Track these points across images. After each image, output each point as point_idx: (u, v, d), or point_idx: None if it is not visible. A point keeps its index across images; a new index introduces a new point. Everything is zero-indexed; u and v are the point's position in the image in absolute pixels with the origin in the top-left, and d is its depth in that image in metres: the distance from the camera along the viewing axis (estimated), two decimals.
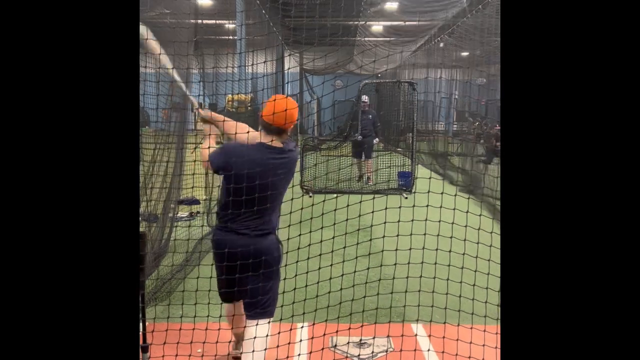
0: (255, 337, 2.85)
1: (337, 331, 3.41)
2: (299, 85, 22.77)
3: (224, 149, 3.03)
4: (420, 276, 3.26)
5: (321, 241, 3.18)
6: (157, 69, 5.33)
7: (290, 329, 3.28)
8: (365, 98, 11.31)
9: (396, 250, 3.22)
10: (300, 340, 3.44)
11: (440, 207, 3.13)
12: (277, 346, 3.01)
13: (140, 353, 3.13)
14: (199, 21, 6.53)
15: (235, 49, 10.73)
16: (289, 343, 3.16)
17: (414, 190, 9.61)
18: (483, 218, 3.34)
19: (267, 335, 2.90)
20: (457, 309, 3.42)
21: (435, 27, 14.04)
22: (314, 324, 3.38)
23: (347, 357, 3.56)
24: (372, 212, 3.18)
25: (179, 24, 5.00)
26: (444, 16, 12.55)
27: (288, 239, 3.08)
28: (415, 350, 3.37)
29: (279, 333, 3.04)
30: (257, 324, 2.92)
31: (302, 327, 3.65)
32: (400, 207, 3.19)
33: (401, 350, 3.42)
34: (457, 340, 3.21)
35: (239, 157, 2.85)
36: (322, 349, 3.34)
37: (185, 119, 5.33)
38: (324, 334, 3.34)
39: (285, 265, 3.11)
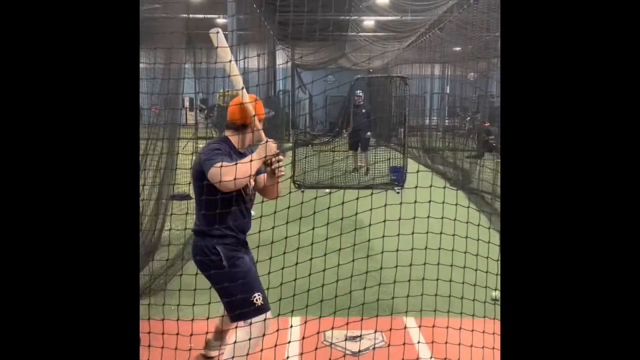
0: (235, 342, 2.83)
1: (321, 327, 3.41)
2: (291, 81, 22.72)
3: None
4: (410, 264, 3.26)
5: (301, 233, 3.16)
6: (152, 64, 5.28)
7: (278, 325, 3.27)
8: (359, 92, 11.50)
9: (383, 237, 3.24)
10: (292, 327, 3.42)
11: (430, 201, 3.15)
12: (269, 343, 2.99)
13: None
14: (190, 15, 6.51)
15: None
16: (278, 330, 3.13)
17: (405, 185, 9.64)
18: (473, 211, 3.36)
19: (249, 339, 2.80)
20: (447, 295, 3.44)
21: (427, 23, 14.05)
22: (306, 322, 3.38)
23: (334, 348, 3.58)
24: (358, 206, 3.19)
25: (169, 18, 4.98)
26: (435, 12, 12.58)
27: (273, 227, 3.03)
28: (404, 344, 3.38)
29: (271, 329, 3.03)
30: (236, 327, 2.92)
31: (292, 322, 3.65)
32: (386, 205, 3.19)
33: (389, 346, 3.43)
34: (447, 327, 3.24)
35: None
36: (315, 338, 3.36)
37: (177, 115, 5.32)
38: (318, 331, 3.35)
39: (270, 258, 3.10)
